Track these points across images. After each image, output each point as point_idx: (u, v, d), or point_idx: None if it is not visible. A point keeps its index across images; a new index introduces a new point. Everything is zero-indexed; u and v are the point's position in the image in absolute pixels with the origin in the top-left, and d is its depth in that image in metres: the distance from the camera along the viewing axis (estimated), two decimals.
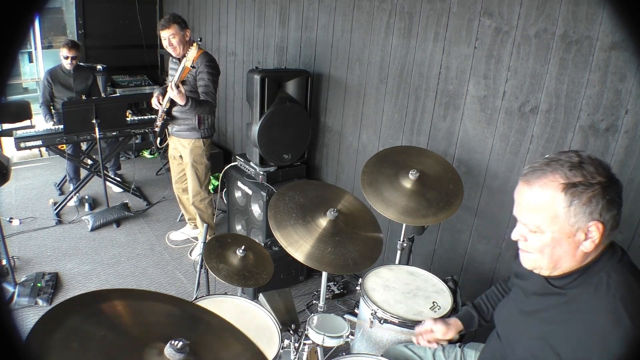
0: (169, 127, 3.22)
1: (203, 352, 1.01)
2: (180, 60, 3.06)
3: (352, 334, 1.95)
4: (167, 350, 0.94)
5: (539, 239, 1.11)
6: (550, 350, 1.14)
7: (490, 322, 1.60)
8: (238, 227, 3.58)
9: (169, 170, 3.72)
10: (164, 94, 3.18)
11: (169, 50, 3.02)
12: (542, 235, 1.10)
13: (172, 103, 3.09)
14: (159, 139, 3.29)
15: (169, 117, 3.12)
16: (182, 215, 3.78)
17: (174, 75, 3.13)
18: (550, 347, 1.15)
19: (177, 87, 2.79)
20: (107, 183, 4.05)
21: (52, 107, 4.10)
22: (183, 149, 3.24)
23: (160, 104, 3.14)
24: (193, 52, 2.78)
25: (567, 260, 1.10)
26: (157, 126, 3.25)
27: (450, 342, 1.63)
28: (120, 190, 4.37)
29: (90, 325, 0.94)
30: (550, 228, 1.08)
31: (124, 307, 1.02)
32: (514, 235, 1.17)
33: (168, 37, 2.94)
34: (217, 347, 1.10)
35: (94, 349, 0.91)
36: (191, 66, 2.86)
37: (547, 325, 1.18)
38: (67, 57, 3.94)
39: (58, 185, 4.36)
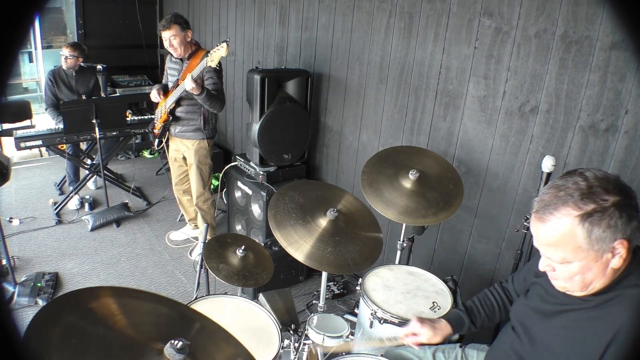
0: (171, 129, 3.19)
1: (199, 353, 1.01)
2: (181, 60, 3.06)
3: (352, 334, 1.95)
4: (168, 350, 0.94)
5: (567, 269, 1.09)
6: (573, 352, 1.13)
7: (481, 328, 1.56)
8: (238, 227, 3.58)
9: (169, 170, 3.72)
10: (164, 88, 3.17)
11: (170, 50, 3.00)
12: (569, 265, 1.08)
13: (177, 104, 3.08)
14: (156, 141, 3.26)
15: (173, 117, 3.12)
16: (182, 215, 3.78)
17: (173, 75, 3.13)
18: (572, 348, 1.14)
19: (195, 80, 2.77)
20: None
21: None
22: (187, 150, 3.22)
23: (161, 98, 3.13)
24: (222, 51, 2.65)
25: (598, 280, 1.09)
26: (157, 127, 3.23)
27: (450, 342, 1.62)
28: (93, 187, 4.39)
29: (87, 323, 0.94)
30: (575, 258, 1.06)
31: (120, 306, 1.02)
32: (541, 267, 1.15)
33: (169, 38, 2.92)
34: (211, 349, 1.10)
35: (93, 348, 0.91)
36: (216, 66, 2.77)
37: (571, 327, 1.17)
38: (66, 58, 3.93)
39: (58, 185, 4.36)
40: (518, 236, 2.04)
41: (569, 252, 1.06)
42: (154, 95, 3.14)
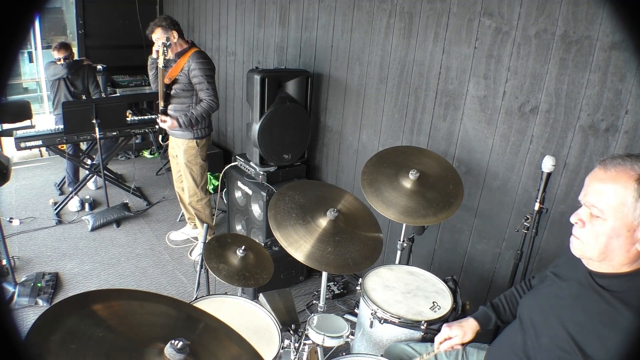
0: None
1: (201, 352, 1.01)
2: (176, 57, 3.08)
3: (352, 334, 1.95)
4: (168, 350, 0.94)
5: (599, 225, 1.10)
6: (574, 346, 1.14)
7: (507, 323, 1.59)
8: (238, 227, 3.58)
9: (169, 170, 3.72)
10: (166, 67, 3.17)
11: None
12: (603, 223, 1.10)
13: (167, 101, 3.09)
14: (161, 137, 3.31)
15: (165, 115, 3.13)
16: (182, 215, 3.78)
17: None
18: (574, 342, 1.14)
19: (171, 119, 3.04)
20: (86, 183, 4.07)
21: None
22: (178, 149, 3.26)
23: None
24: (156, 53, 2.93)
25: (619, 254, 1.10)
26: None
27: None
28: (94, 188, 4.38)
29: (88, 325, 0.94)
30: (613, 215, 1.08)
31: (120, 307, 1.02)
32: (573, 218, 1.17)
33: (156, 41, 2.99)
34: (214, 348, 1.10)
35: (93, 349, 0.91)
36: (199, 61, 2.96)
37: (578, 320, 1.17)
38: (59, 60, 3.94)
39: (58, 185, 4.36)
40: (518, 236, 2.04)
41: (613, 206, 1.08)
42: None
